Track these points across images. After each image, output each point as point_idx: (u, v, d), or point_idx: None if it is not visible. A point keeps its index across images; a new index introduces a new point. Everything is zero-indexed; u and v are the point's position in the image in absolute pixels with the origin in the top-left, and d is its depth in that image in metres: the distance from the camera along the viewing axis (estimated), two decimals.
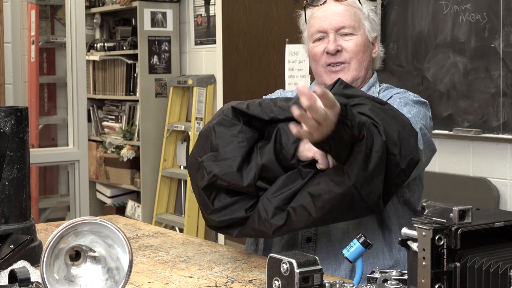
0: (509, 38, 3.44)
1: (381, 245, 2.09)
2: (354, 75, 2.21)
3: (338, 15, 2.22)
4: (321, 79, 2.24)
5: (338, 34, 2.21)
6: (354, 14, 2.23)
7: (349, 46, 2.20)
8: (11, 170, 1.88)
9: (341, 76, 2.16)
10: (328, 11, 2.23)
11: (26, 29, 6.02)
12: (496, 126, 3.52)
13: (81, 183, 4.65)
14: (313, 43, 2.25)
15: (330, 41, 2.20)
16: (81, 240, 1.50)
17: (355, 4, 2.26)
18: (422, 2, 3.82)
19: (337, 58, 2.20)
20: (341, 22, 2.21)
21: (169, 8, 5.73)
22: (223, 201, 1.91)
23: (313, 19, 2.26)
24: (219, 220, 1.92)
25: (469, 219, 1.34)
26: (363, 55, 2.22)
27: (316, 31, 2.23)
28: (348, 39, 2.21)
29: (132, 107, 6.05)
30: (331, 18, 2.22)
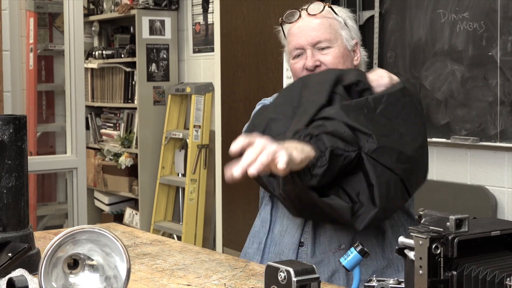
0: (506, 46, 3.45)
1: (373, 247, 2.10)
2: None
3: (313, 30, 2.22)
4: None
5: (315, 49, 2.21)
6: (330, 26, 2.23)
7: (328, 60, 2.20)
8: (10, 178, 1.89)
9: None
10: (303, 27, 2.24)
11: (25, 37, 6.04)
12: (494, 135, 3.52)
13: (79, 191, 4.65)
14: (292, 59, 2.26)
15: (308, 57, 2.21)
16: (79, 249, 1.50)
17: (330, 14, 2.26)
18: (420, 11, 3.83)
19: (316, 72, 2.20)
20: (317, 36, 2.21)
21: (167, 16, 5.74)
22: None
23: (290, 36, 2.27)
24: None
25: (465, 228, 1.35)
26: (343, 66, 2.22)
27: (294, 48, 2.25)
28: (326, 53, 2.21)
29: (130, 114, 6.06)
30: (307, 34, 2.22)
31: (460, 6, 3.63)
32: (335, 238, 2.10)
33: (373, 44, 4.01)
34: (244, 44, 4.99)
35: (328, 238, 2.10)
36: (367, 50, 2.40)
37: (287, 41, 2.30)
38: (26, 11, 6.12)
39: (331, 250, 2.10)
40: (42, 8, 6.20)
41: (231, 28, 5.10)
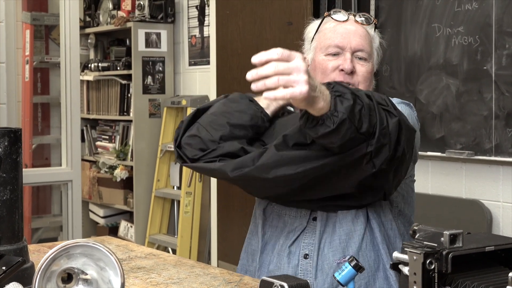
0: (501, 61, 3.46)
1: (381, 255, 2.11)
2: None
3: (360, 37, 2.21)
4: None
5: (353, 56, 2.19)
6: (371, 42, 2.24)
7: (362, 72, 2.19)
8: (4, 192, 1.88)
9: None
10: (350, 29, 2.22)
11: (21, 49, 6.04)
12: (489, 149, 3.53)
13: (74, 203, 4.64)
14: (325, 56, 2.21)
15: (347, 60, 2.17)
16: (73, 263, 1.50)
17: (371, 32, 2.27)
18: (415, 25, 3.84)
19: (348, 79, 2.17)
20: (361, 44, 2.20)
21: (163, 29, 5.75)
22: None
23: (332, 32, 2.23)
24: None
25: (460, 243, 1.35)
26: (369, 84, 2.22)
27: (334, 45, 2.20)
28: (362, 64, 2.20)
29: (126, 127, 6.06)
30: (352, 38, 2.20)
31: (455, 21, 3.65)
32: (340, 249, 2.09)
33: None
34: (240, 57, 5.00)
35: (332, 248, 2.09)
36: None
37: (322, 36, 2.25)
38: (22, 23, 6.13)
39: (335, 261, 2.08)
40: (38, 20, 6.21)
41: (227, 41, 5.11)
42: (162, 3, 5.69)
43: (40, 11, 6.27)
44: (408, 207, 2.21)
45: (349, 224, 2.10)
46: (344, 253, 2.08)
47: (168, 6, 5.70)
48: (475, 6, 3.56)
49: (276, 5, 4.61)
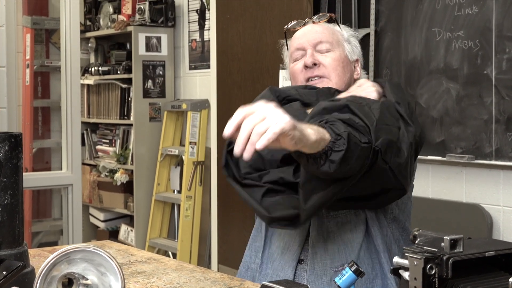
0: (501, 65, 3.46)
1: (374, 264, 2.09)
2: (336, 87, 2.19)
3: (316, 32, 2.25)
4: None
5: (315, 50, 2.22)
6: (333, 33, 2.26)
7: (327, 61, 2.20)
8: (5, 196, 1.88)
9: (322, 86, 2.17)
10: (306, 29, 2.27)
11: (21, 53, 6.05)
12: (489, 153, 3.53)
13: (74, 207, 4.64)
14: (293, 63, 2.26)
15: (308, 55, 2.21)
16: (73, 268, 1.50)
17: (334, 26, 2.29)
18: (415, 29, 3.85)
19: (314, 72, 2.20)
20: (318, 37, 2.23)
21: (163, 33, 5.75)
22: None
23: (293, 40, 2.29)
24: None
25: (460, 248, 1.35)
26: (342, 70, 2.22)
27: (295, 50, 2.25)
28: (325, 55, 2.21)
29: (126, 131, 6.06)
30: (309, 35, 2.24)
31: (455, 25, 3.65)
32: (337, 256, 2.07)
33: (369, 61, 4.02)
34: (240, 61, 5.00)
35: (330, 256, 2.08)
36: (365, 69, 2.41)
37: (289, 50, 2.31)
38: (23, 27, 6.13)
39: (332, 269, 2.07)
40: (39, 24, 6.22)
41: (227, 45, 5.11)
42: (162, 7, 5.69)
43: (41, 15, 6.28)
44: (403, 213, 2.19)
45: (347, 231, 2.09)
46: (343, 260, 2.06)
47: (168, 10, 5.71)
48: (475, 11, 3.56)
49: (276, 9, 4.61)
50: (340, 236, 2.09)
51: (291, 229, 2.06)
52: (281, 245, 2.16)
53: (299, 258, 2.11)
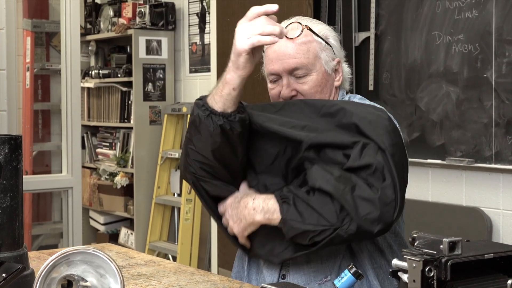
0: (501, 68, 3.47)
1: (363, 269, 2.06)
2: None
3: (289, 56, 2.10)
4: None
5: (291, 77, 2.11)
6: (308, 51, 2.11)
7: (305, 89, 2.10)
8: (4, 199, 1.88)
9: None
10: (279, 51, 2.11)
11: (21, 56, 6.05)
12: (489, 156, 3.53)
13: (74, 210, 4.64)
14: (269, 83, 2.18)
15: (284, 86, 2.11)
16: (73, 270, 1.50)
17: (309, 37, 2.13)
18: (415, 33, 3.85)
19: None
20: (293, 63, 2.09)
21: (164, 36, 5.76)
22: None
23: (267, 59, 2.16)
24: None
25: (459, 250, 1.35)
26: (321, 93, 2.12)
27: (269, 73, 2.15)
28: (303, 82, 2.10)
29: (126, 134, 6.06)
30: (283, 60, 2.10)
31: (455, 28, 3.65)
32: (321, 269, 2.03)
33: (369, 65, 4.02)
34: None
35: (313, 269, 2.04)
36: (365, 72, 2.40)
37: (265, 63, 2.19)
38: (23, 30, 6.14)
39: (316, 281, 2.03)
40: (39, 27, 6.22)
41: (227, 48, 5.09)
42: (162, 11, 5.70)
43: (41, 18, 6.28)
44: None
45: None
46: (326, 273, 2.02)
47: (168, 14, 5.71)
48: (475, 14, 3.57)
49: (277, 13, 4.61)
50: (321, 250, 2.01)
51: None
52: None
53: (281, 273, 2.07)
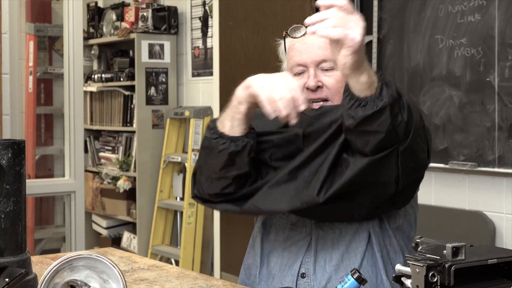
0: (504, 72, 3.46)
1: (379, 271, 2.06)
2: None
3: (319, 48, 2.11)
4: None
5: (318, 69, 2.11)
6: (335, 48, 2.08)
7: (330, 83, 2.09)
8: (7, 203, 1.88)
9: None
10: (308, 43, 2.13)
11: (24, 60, 6.06)
12: (492, 160, 3.53)
13: (77, 214, 4.65)
14: (293, 76, 2.08)
15: (311, 76, 2.10)
16: (76, 275, 1.50)
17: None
18: (417, 36, 3.85)
19: (317, 95, 2.10)
20: (322, 55, 2.10)
21: (166, 40, 5.76)
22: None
23: (293, 51, 2.17)
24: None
25: (462, 256, 1.35)
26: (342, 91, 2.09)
27: (296, 65, 2.14)
28: (329, 75, 2.10)
29: (129, 138, 6.06)
30: (311, 52, 2.11)
31: (457, 32, 3.65)
32: (342, 267, 2.03)
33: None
34: (243, 68, 5.01)
35: (334, 267, 2.04)
36: None
37: (287, 56, 2.20)
38: (26, 34, 6.15)
39: (337, 280, 1.96)
40: (42, 31, 6.23)
41: (230, 52, 5.12)
42: (165, 15, 5.70)
43: (44, 22, 6.29)
44: (408, 223, 2.17)
45: (348, 241, 2.06)
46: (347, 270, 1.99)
47: (171, 18, 5.72)
48: (477, 18, 3.56)
49: (279, 16, 4.62)
50: (343, 246, 2.06)
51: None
52: (279, 262, 2.12)
53: (301, 272, 2.07)
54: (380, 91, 1.77)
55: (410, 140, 1.84)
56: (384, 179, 1.91)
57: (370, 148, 1.83)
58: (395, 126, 1.79)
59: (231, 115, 2.00)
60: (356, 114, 1.79)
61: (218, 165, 2.01)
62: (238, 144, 1.99)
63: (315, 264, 2.06)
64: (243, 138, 1.99)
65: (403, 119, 1.81)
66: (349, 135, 1.88)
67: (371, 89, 1.78)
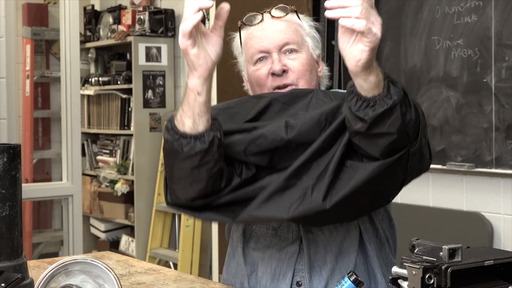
0: (501, 73, 3.46)
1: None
2: None
3: (280, 31, 2.04)
4: None
5: (281, 53, 2.03)
6: (296, 30, 2.07)
7: (295, 66, 2.02)
8: (3, 208, 1.88)
9: None
10: (268, 28, 2.06)
11: (21, 64, 6.06)
12: (489, 161, 3.53)
13: (75, 218, 4.64)
14: (254, 65, 2.08)
15: (275, 60, 2.02)
16: (71, 280, 1.50)
17: (294, 19, 2.09)
18: (414, 38, 3.85)
19: (283, 80, 2.02)
20: (284, 38, 2.03)
21: (163, 43, 5.76)
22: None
23: (252, 39, 2.08)
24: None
25: (459, 257, 1.34)
26: (310, 75, 2.05)
27: (257, 51, 2.06)
28: (294, 58, 2.03)
29: (127, 141, 6.06)
30: (273, 36, 2.04)
31: (454, 33, 3.65)
32: (337, 269, 1.98)
33: None
34: None
35: (330, 271, 1.98)
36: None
37: (245, 47, 2.12)
38: (23, 38, 6.15)
39: (334, 283, 1.94)
40: (39, 35, 6.23)
41: (227, 55, 5.09)
42: (162, 17, 5.70)
43: (41, 25, 6.29)
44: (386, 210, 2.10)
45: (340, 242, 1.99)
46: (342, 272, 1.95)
47: (168, 20, 5.72)
48: (474, 19, 3.56)
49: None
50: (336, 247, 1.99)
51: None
52: (268, 271, 2.03)
53: (296, 281, 1.99)
54: (388, 89, 1.67)
55: (419, 140, 1.76)
56: (392, 182, 1.83)
57: (381, 151, 1.73)
58: (405, 125, 1.69)
59: (190, 111, 1.81)
60: (366, 115, 1.67)
61: (187, 168, 1.82)
62: (204, 140, 1.80)
63: (311, 271, 1.98)
64: (208, 132, 1.81)
65: (412, 117, 1.71)
66: (357, 139, 1.76)
67: (379, 88, 1.67)
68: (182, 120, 1.81)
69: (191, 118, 1.80)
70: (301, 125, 1.85)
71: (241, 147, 1.88)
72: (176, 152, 1.82)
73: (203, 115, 1.80)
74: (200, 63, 1.79)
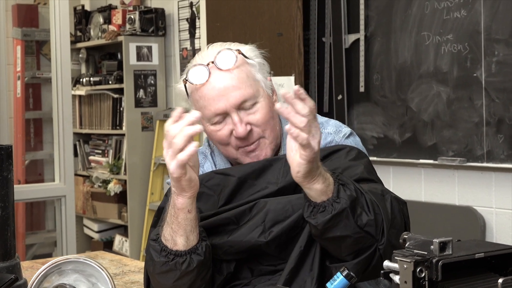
0: (491, 68, 3.47)
1: None
2: (272, 147, 1.93)
3: (233, 88, 1.86)
4: (236, 161, 1.96)
5: (240, 111, 1.88)
6: (248, 77, 1.90)
7: (259, 119, 1.89)
8: None
9: (260, 153, 1.91)
10: (219, 87, 1.87)
11: (12, 65, 6.05)
12: (481, 155, 3.54)
13: (68, 219, 4.64)
14: (213, 125, 1.91)
15: (237, 124, 1.87)
16: (64, 279, 1.50)
17: (241, 61, 1.91)
18: (404, 34, 3.86)
19: (250, 140, 1.89)
20: (240, 96, 1.87)
21: (154, 42, 5.75)
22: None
23: (204, 99, 1.89)
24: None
25: (449, 251, 1.35)
26: (273, 121, 1.93)
27: (214, 114, 1.88)
28: (254, 111, 1.89)
29: (119, 141, 6.06)
30: (227, 95, 1.86)
31: (444, 28, 3.66)
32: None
33: (359, 67, 4.03)
34: None
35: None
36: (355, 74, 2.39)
37: (197, 105, 1.91)
38: (13, 39, 6.13)
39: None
40: (29, 36, 6.22)
41: None
42: (152, 17, 5.70)
43: (31, 26, 6.27)
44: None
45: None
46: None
47: (158, 19, 5.71)
48: (463, 14, 3.58)
49: (266, 16, 4.62)
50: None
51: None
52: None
53: None
54: (337, 193, 1.62)
55: (387, 237, 1.68)
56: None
57: (345, 253, 1.70)
58: (362, 227, 1.64)
59: (181, 229, 1.72)
60: (317, 221, 1.62)
61: (185, 284, 1.75)
62: (199, 253, 1.73)
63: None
64: (200, 243, 1.74)
65: (370, 217, 1.65)
66: (321, 243, 1.72)
67: (327, 193, 1.62)
68: (173, 239, 1.73)
69: (183, 236, 1.72)
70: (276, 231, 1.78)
71: (219, 251, 1.82)
72: (172, 271, 1.73)
73: (194, 230, 1.73)
74: (191, 185, 1.69)
